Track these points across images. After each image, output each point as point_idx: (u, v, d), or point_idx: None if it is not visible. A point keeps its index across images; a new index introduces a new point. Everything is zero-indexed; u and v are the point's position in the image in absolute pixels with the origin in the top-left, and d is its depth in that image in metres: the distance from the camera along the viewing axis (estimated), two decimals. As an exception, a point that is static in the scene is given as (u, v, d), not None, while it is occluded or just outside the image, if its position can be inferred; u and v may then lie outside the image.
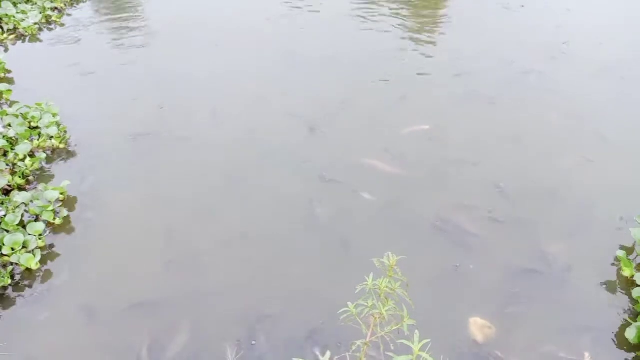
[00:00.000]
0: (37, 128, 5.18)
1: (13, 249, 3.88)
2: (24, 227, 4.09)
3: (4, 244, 3.88)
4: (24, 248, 3.93)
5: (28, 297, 3.72)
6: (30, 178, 4.69)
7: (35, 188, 4.53)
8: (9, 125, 5.08)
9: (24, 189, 4.54)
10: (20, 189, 4.52)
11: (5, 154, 4.80)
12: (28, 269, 3.88)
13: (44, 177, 4.75)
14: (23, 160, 4.73)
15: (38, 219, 4.21)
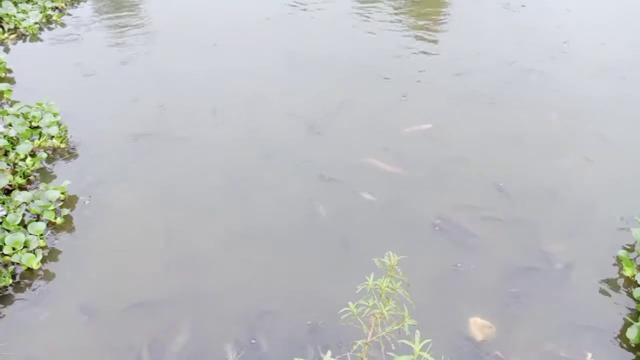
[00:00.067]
0: (37, 128, 5.18)
1: (14, 249, 3.88)
2: (25, 226, 4.09)
3: (5, 244, 3.88)
4: (25, 248, 3.94)
5: (29, 296, 3.72)
6: (31, 178, 4.70)
7: (36, 188, 4.53)
8: (10, 125, 5.08)
9: (25, 189, 4.54)
10: (21, 189, 4.52)
11: (6, 154, 4.80)
12: (29, 269, 3.89)
13: (45, 176, 4.76)
14: (24, 160, 4.74)
15: (39, 219, 4.21)
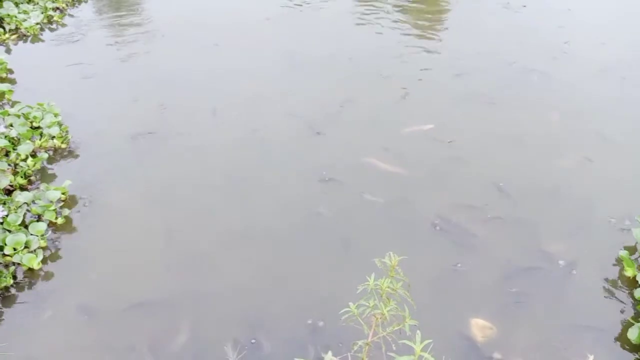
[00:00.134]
0: (38, 128, 5.19)
1: (15, 249, 3.88)
2: (26, 227, 4.10)
3: (6, 244, 3.88)
4: (26, 248, 3.94)
5: (30, 297, 3.72)
6: (32, 178, 4.70)
7: (37, 188, 4.53)
8: (11, 125, 5.08)
9: (26, 189, 4.54)
10: (22, 189, 4.52)
11: (7, 154, 4.80)
12: (30, 269, 3.89)
13: (46, 177, 4.76)
14: (25, 160, 4.74)
15: (40, 219, 4.21)
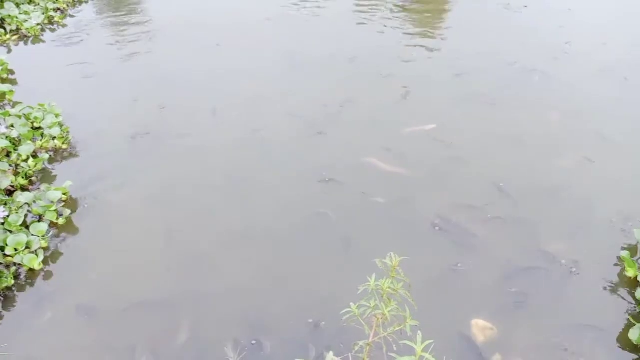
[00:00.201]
0: (39, 129, 5.19)
1: (16, 250, 3.89)
2: (27, 227, 4.10)
3: (8, 245, 3.89)
4: (27, 248, 3.94)
5: (30, 297, 3.73)
6: (33, 179, 4.70)
7: (38, 189, 4.54)
8: (12, 126, 5.09)
9: (27, 190, 4.55)
10: (23, 190, 4.53)
11: (9, 155, 4.81)
12: (31, 270, 3.89)
13: (47, 177, 4.76)
14: (26, 161, 4.75)
15: (41, 220, 4.21)
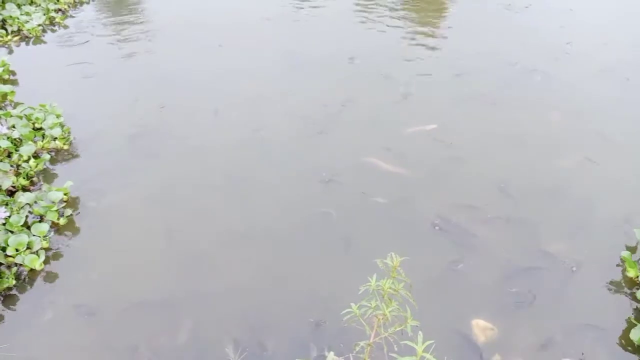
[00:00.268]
0: (41, 129, 5.20)
1: (17, 250, 3.89)
2: (29, 227, 4.11)
3: (9, 245, 3.89)
4: (29, 249, 3.94)
5: (31, 297, 3.73)
6: (35, 179, 4.71)
7: (39, 189, 4.54)
8: (13, 127, 5.09)
9: (28, 190, 4.55)
10: (25, 190, 4.53)
11: (10, 155, 4.82)
12: (32, 270, 3.89)
13: (48, 177, 4.77)
14: (27, 162, 4.75)
15: (42, 220, 4.22)
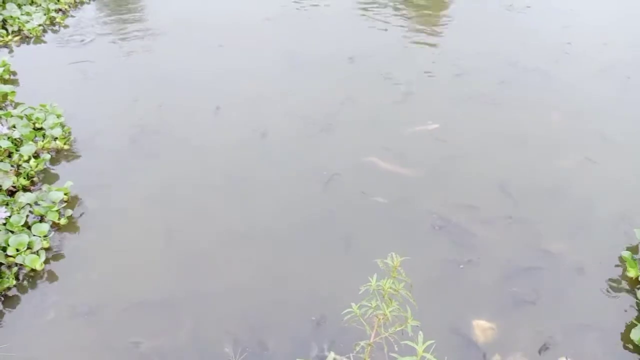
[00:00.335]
0: (41, 129, 5.20)
1: (18, 250, 3.89)
2: (29, 228, 4.11)
3: (9, 245, 3.89)
4: (29, 249, 3.94)
5: (31, 297, 3.73)
6: (35, 179, 4.71)
7: (40, 189, 4.54)
8: (14, 127, 5.09)
9: (29, 190, 4.55)
10: (25, 190, 4.53)
11: (10, 155, 4.82)
12: (33, 270, 3.90)
13: (49, 177, 4.77)
14: (28, 162, 4.75)
15: (43, 220, 4.22)
